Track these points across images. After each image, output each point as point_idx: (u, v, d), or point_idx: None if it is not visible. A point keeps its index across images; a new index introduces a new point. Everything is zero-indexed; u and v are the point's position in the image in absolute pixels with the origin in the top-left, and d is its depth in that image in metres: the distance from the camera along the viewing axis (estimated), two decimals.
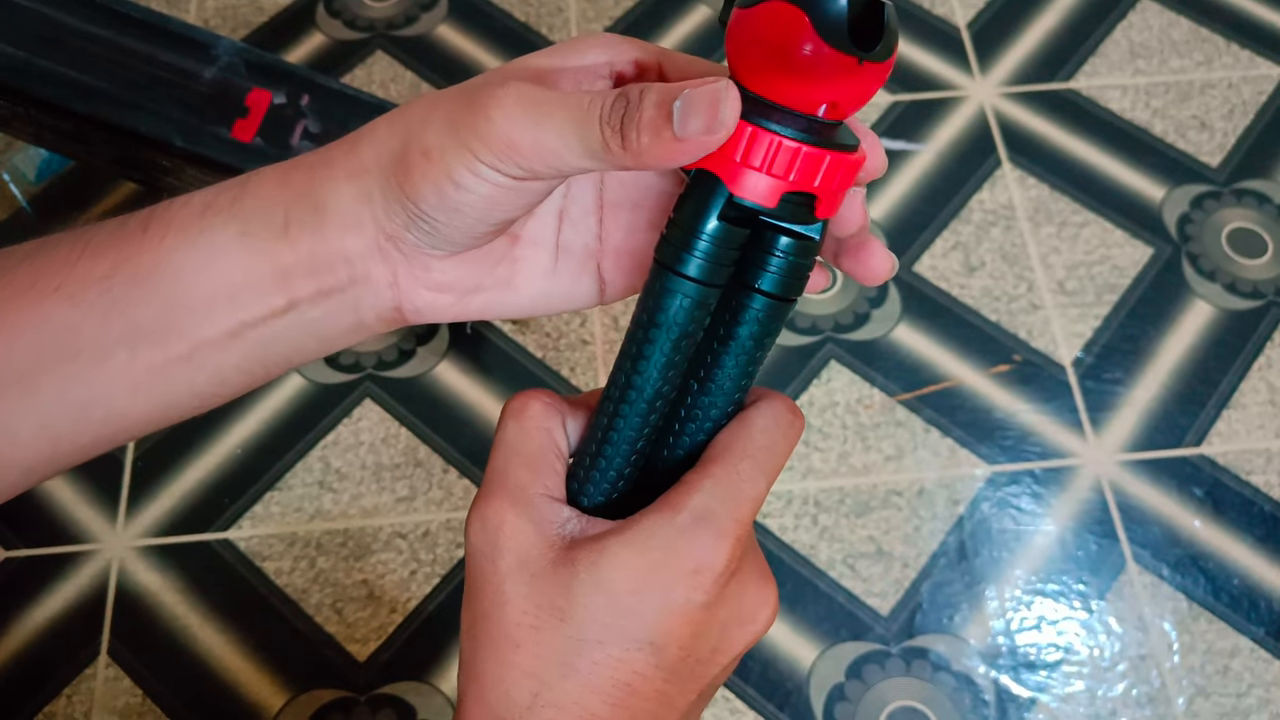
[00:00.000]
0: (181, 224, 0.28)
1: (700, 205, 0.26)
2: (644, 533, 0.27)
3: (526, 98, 0.26)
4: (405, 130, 0.28)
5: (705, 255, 0.27)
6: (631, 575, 0.26)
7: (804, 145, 0.26)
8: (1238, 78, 0.82)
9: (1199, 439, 0.68)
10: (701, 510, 0.27)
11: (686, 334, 0.28)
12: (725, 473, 0.27)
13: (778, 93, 0.26)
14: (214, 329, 0.29)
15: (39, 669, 0.61)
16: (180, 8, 0.86)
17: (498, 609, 0.27)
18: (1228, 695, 0.61)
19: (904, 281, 0.74)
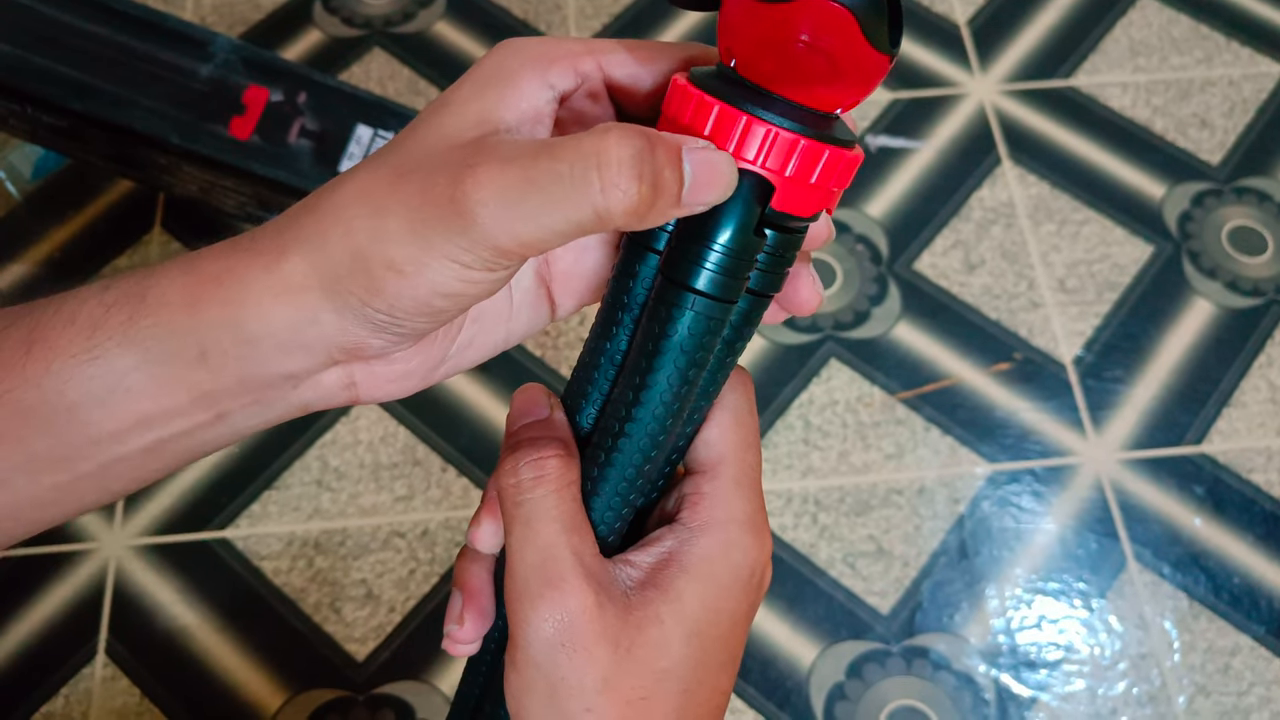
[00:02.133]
0: (67, 349, 0.25)
1: (740, 220, 0.24)
2: (706, 561, 0.26)
3: (509, 191, 0.23)
4: (349, 241, 0.24)
5: (736, 271, 0.25)
6: (710, 608, 0.26)
7: (845, 151, 0.25)
8: (1238, 75, 0.82)
9: (1200, 437, 0.68)
10: (743, 518, 0.27)
11: (705, 352, 0.26)
12: (742, 471, 0.27)
13: (799, 92, 0.24)
14: (125, 449, 0.26)
15: (36, 669, 0.61)
16: (177, 5, 0.86)
17: (605, 700, 0.25)
18: (1228, 694, 0.61)
19: (904, 279, 0.73)
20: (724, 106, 0.24)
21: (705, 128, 0.24)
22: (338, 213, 0.24)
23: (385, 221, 0.23)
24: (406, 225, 0.23)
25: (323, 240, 0.24)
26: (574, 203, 0.23)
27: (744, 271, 0.25)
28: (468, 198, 0.23)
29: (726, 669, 0.27)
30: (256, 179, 0.61)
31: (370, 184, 0.24)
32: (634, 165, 0.22)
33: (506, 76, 0.25)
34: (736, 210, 0.24)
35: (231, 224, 0.75)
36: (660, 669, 0.25)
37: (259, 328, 0.24)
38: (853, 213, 0.76)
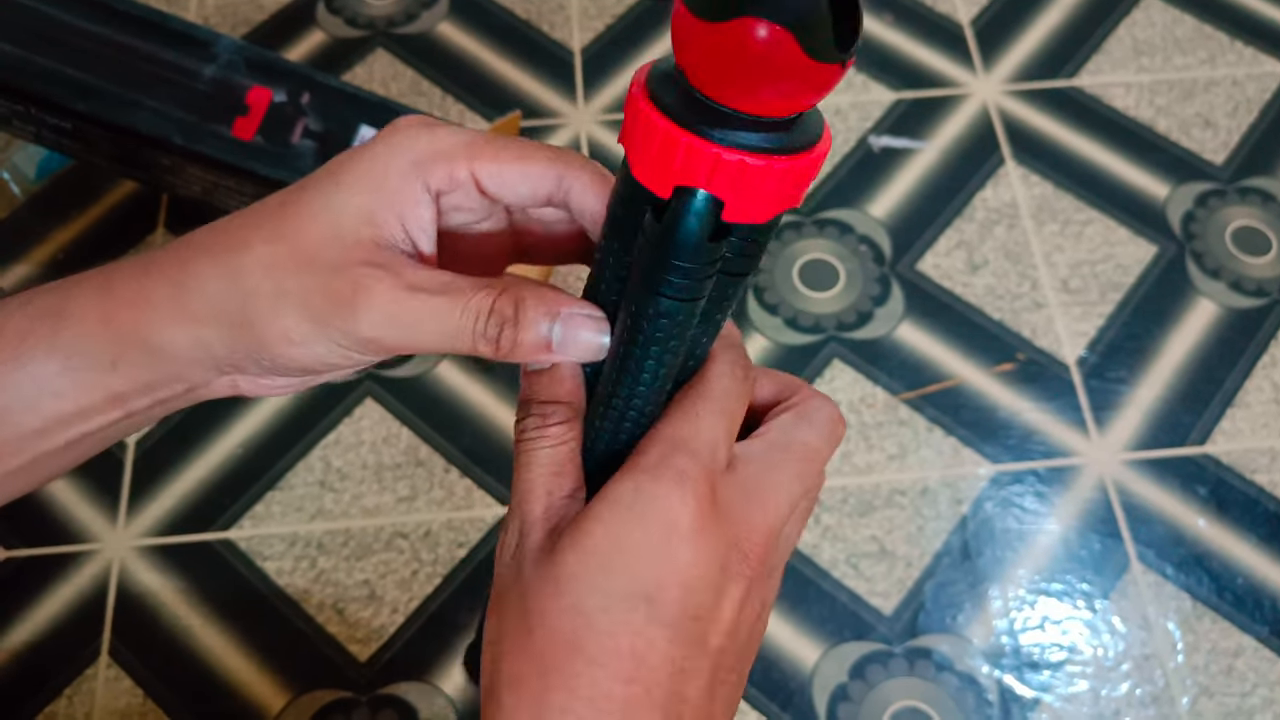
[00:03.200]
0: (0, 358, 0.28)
1: (694, 238, 0.25)
2: (615, 492, 0.27)
3: (394, 307, 0.27)
4: (246, 301, 0.28)
5: (698, 275, 0.26)
6: (611, 532, 0.26)
7: (800, 159, 0.25)
8: (1242, 75, 0.82)
9: (1203, 438, 0.68)
10: (663, 456, 0.27)
11: (680, 341, 0.28)
12: (683, 418, 0.28)
13: (750, 104, 0.24)
14: (51, 444, 0.30)
15: (39, 669, 0.61)
16: (180, 5, 0.86)
17: (517, 600, 0.27)
18: (1232, 695, 0.61)
19: (907, 280, 0.73)
20: (669, 127, 0.24)
21: (651, 147, 0.25)
22: (241, 279, 0.28)
23: (285, 302, 0.27)
24: (304, 311, 0.27)
25: (225, 295, 0.28)
26: (452, 340, 0.27)
27: (707, 274, 0.26)
28: (361, 308, 0.27)
29: (639, 606, 0.26)
30: (260, 180, 0.61)
31: (272, 260, 0.27)
32: (496, 322, 0.27)
33: (395, 181, 0.28)
34: (689, 228, 0.25)
35: None
36: (552, 577, 0.27)
37: (163, 343, 0.28)
38: (855, 213, 0.76)
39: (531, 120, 0.80)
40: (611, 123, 0.80)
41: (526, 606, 0.27)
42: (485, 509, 0.66)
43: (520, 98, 0.81)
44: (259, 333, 0.28)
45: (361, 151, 0.29)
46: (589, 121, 0.80)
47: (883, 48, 0.84)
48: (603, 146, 0.79)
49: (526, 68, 0.83)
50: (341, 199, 0.28)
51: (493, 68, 0.83)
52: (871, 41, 0.84)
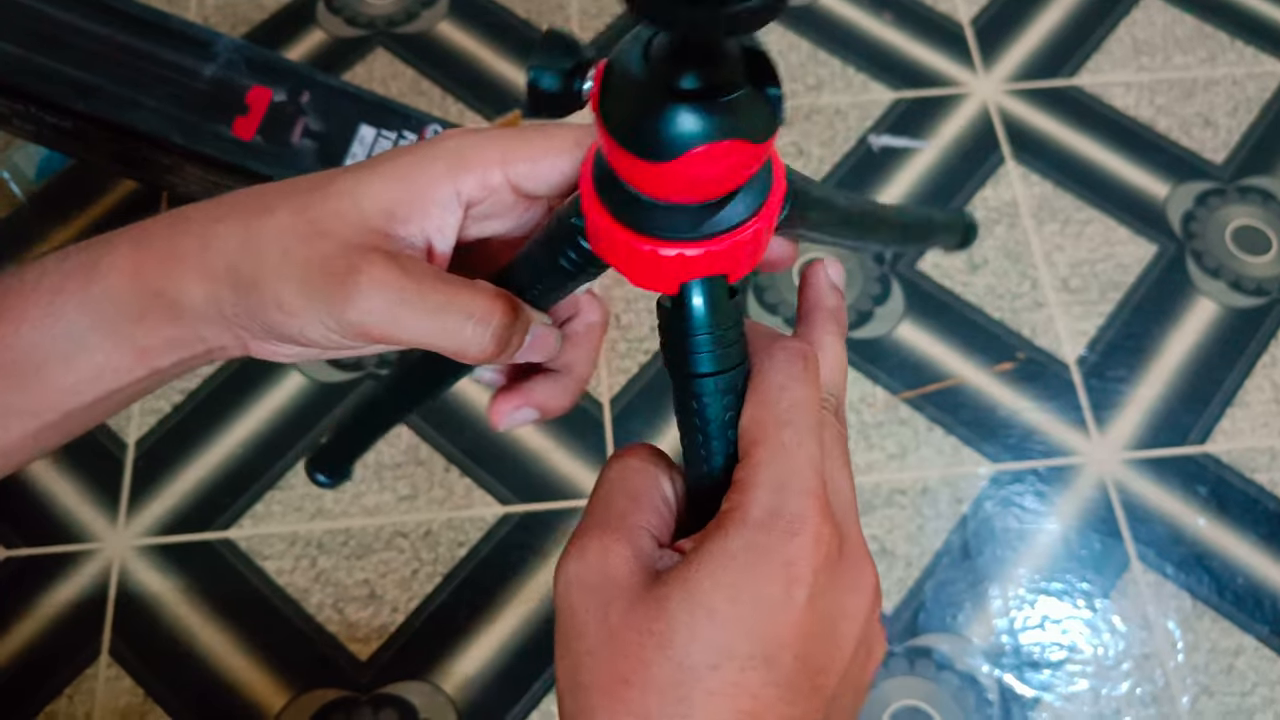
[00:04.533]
0: (35, 315, 0.29)
1: (717, 307, 0.26)
2: (723, 540, 0.25)
3: (390, 297, 0.27)
4: (257, 262, 0.28)
5: (727, 341, 0.27)
6: (724, 585, 0.24)
7: (773, 198, 0.26)
8: (1242, 74, 0.82)
9: (1203, 437, 0.68)
10: (769, 499, 0.25)
11: (733, 394, 0.28)
12: (773, 453, 0.26)
13: (719, 193, 0.24)
14: (82, 400, 0.30)
15: (40, 668, 0.61)
16: (180, 5, 0.86)
17: (605, 644, 0.25)
18: (1232, 694, 0.61)
19: (907, 279, 0.73)
20: (659, 246, 0.25)
21: (645, 267, 0.26)
22: (258, 240, 0.28)
23: (287, 269, 0.28)
24: (300, 282, 0.28)
25: (240, 254, 0.28)
26: (442, 334, 0.28)
27: (738, 327, 0.27)
28: (356, 288, 0.27)
29: (757, 668, 0.24)
30: (260, 179, 0.61)
31: (289, 226, 0.28)
32: (499, 332, 0.28)
33: (425, 181, 0.29)
34: (713, 307, 0.26)
35: None
36: (655, 631, 0.24)
37: (184, 297, 0.29)
38: None
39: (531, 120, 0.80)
40: None
41: (622, 654, 0.24)
42: (485, 508, 0.66)
43: (520, 97, 0.81)
44: (260, 295, 0.28)
45: (402, 149, 0.29)
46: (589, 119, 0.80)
47: (882, 47, 0.84)
48: None
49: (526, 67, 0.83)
50: (368, 185, 0.28)
51: (492, 67, 0.83)
52: (871, 41, 0.84)
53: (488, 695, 0.61)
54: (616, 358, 0.70)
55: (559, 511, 0.65)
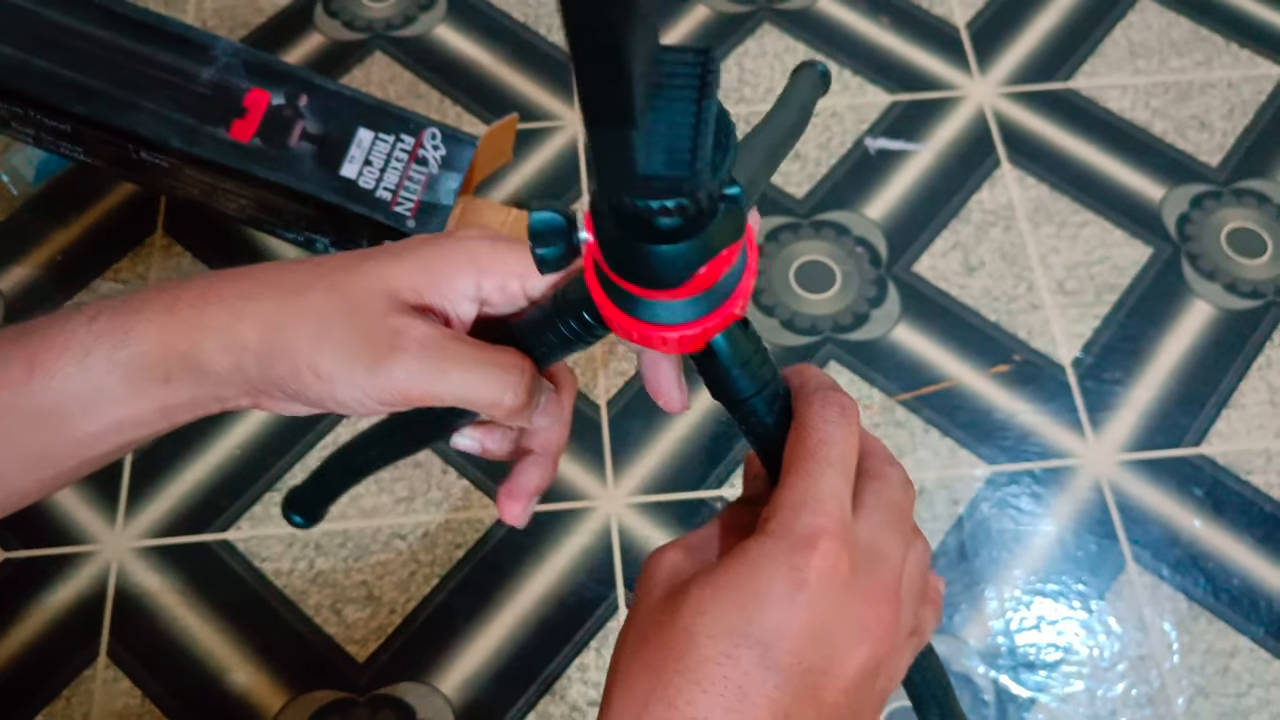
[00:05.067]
0: (65, 370, 0.32)
1: (740, 353, 0.30)
2: (747, 547, 0.29)
3: (433, 358, 0.31)
4: (294, 338, 0.31)
5: (759, 367, 0.31)
6: (737, 575, 0.28)
7: (752, 244, 0.29)
8: (1237, 77, 0.82)
9: (1199, 439, 0.68)
10: (789, 519, 0.28)
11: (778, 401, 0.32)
12: (798, 479, 0.29)
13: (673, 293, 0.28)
14: (100, 449, 0.33)
15: (38, 670, 0.61)
16: (178, 8, 0.86)
17: (642, 614, 0.30)
18: (1227, 695, 0.61)
19: (903, 281, 0.74)
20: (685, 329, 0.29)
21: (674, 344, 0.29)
22: (292, 316, 0.31)
23: (325, 342, 0.31)
24: (341, 351, 0.31)
25: (273, 328, 0.31)
26: (480, 390, 0.32)
27: (760, 359, 0.31)
28: (403, 352, 0.31)
29: (752, 647, 0.27)
30: (258, 182, 0.61)
31: (325, 305, 0.31)
32: (530, 385, 0.33)
33: (449, 272, 0.32)
34: (738, 356, 0.30)
35: (233, 227, 0.75)
36: (674, 603, 0.29)
37: (209, 364, 0.32)
38: (852, 215, 0.76)
39: (528, 123, 0.80)
40: None
41: (648, 619, 0.29)
42: (483, 510, 0.66)
43: (517, 100, 0.81)
44: (293, 364, 0.31)
45: (429, 239, 0.33)
46: None
47: (879, 50, 0.84)
48: None
49: (524, 70, 0.83)
50: (397, 269, 0.32)
51: (490, 70, 0.83)
52: (868, 44, 0.84)
53: (485, 696, 0.61)
54: (614, 359, 0.71)
55: (555, 514, 0.66)
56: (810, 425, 0.30)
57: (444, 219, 0.62)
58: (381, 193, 0.62)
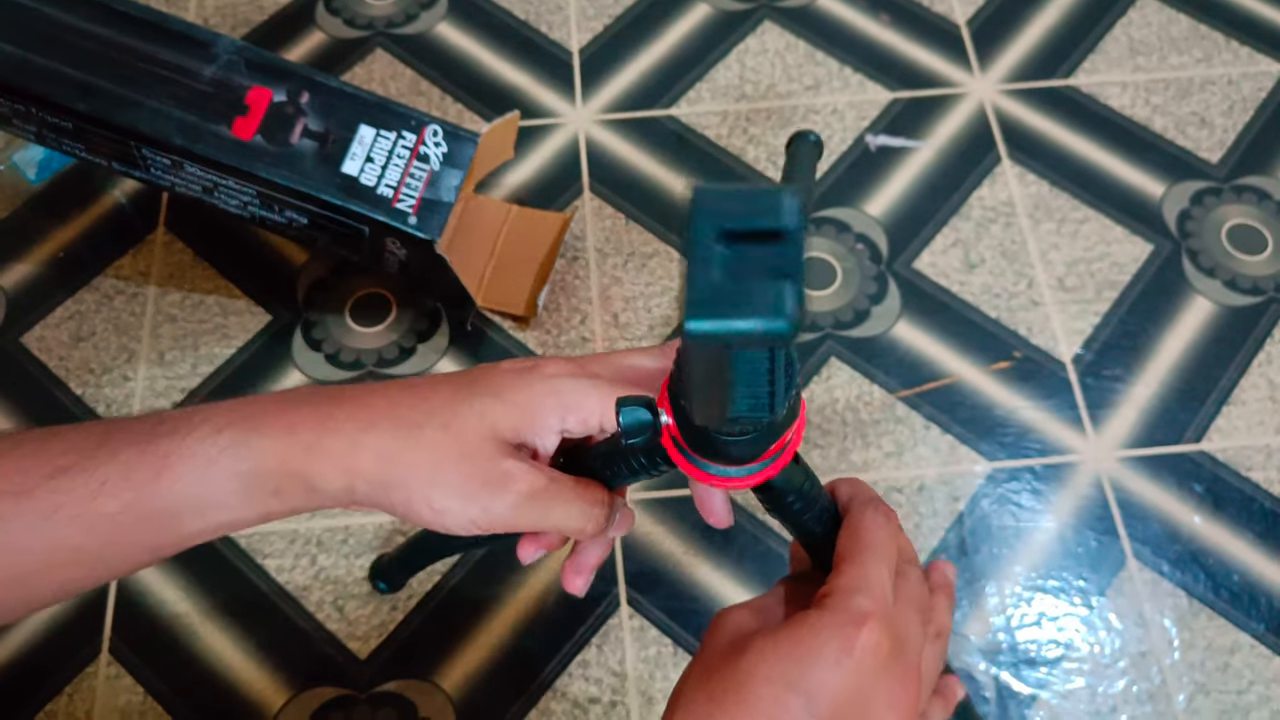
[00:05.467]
0: (188, 478, 0.35)
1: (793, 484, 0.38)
2: (808, 616, 0.34)
3: (535, 501, 0.36)
4: (409, 473, 0.35)
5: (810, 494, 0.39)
6: (795, 635, 0.33)
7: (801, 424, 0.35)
8: (1237, 74, 0.82)
9: (1199, 435, 0.68)
10: (845, 598, 0.34)
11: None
12: (853, 568, 0.35)
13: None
14: (199, 540, 0.37)
15: (40, 667, 0.62)
16: (180, 6, 0.86)
17: (712, 655, 0.35)
18: (1228, 692, 0.61)
19: (903, 278, 0.74)
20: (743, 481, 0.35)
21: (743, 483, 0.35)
22: (408, 452, 0.35)
23: (440, 480, 0.35)
24: (456, 491, 0.36)
25: (390, 461, 0.35)
26: (571, 523, 0.38)
27: (810, 485, 0.38)
28: (516, 494, 0.36)
29: (798, 694, 0.32)
30: (260, 180, 0.61)
31: (438, 443, 0.36)
32: (609, 515, 0.39)
33: (541, 413, 0.37)
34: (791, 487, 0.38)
35: (234, 224, 0.75)
36: (739, 649, 0.34)
37: (321, 486, 0.36)
38: (852, 212, 0.76)
39: (530, 120, 0.80)
40: (609, 122, 0.80)
41: (714, 660, 0.35)
42: None
43: (519, 98, 0.82)
44: (407, 494, 0.35)
45: (520, 377, 0.38)
46: (587, 121, 0.80)
47: (879, 48, 0.84)
48: (600, 146, 0.79)
49: (525, 68, 0.83)
50: (497, 411, 0.37)
51: (491, 68, 0.83)
52: (868, 41, 0.84)
53: (487, 693, 0.61)
54: None
55: None
56: (864, 528, 0.37)
57: (446, 215, 0.62)
58: (383, 190, 0.62)
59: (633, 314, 0.72)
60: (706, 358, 0.25)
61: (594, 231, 0.75)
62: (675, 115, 0.81)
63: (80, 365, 0.71)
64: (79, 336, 0.72)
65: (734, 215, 0.21)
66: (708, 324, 0.21)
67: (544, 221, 0.74)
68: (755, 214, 0.21)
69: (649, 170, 0.78)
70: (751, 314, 0.21)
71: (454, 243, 0.69)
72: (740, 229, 0.21)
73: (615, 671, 0.61)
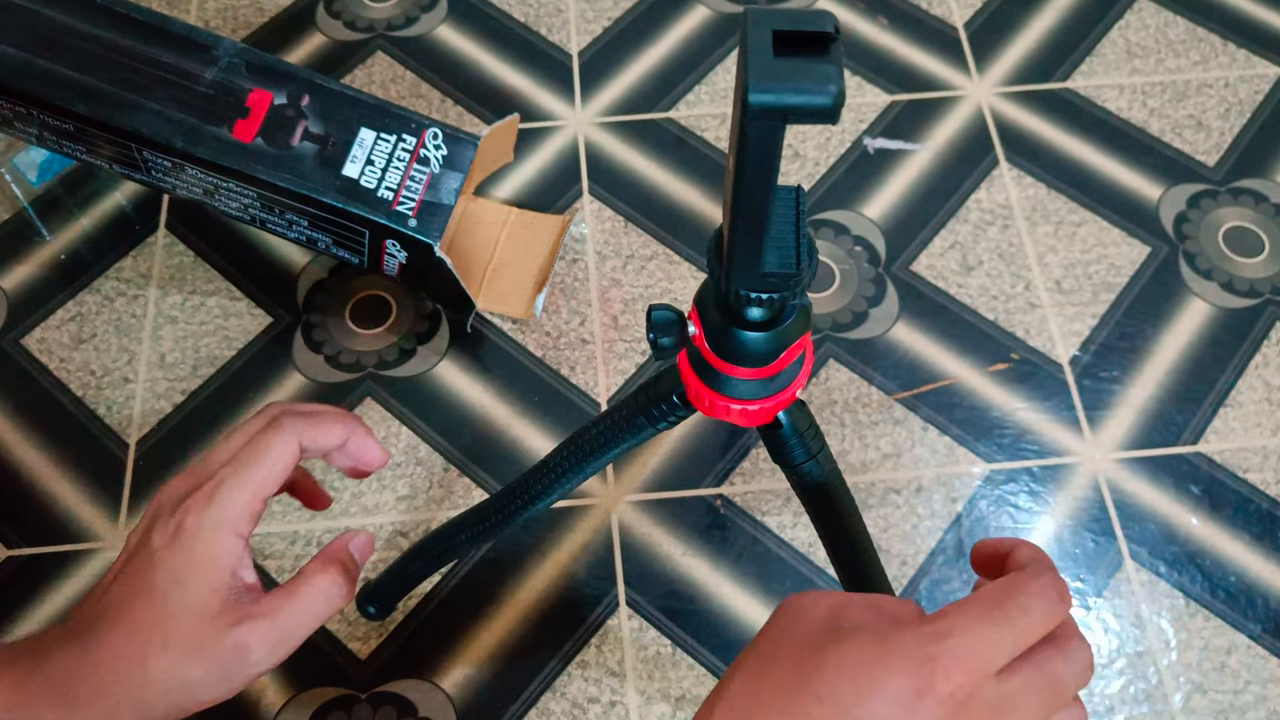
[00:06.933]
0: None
1: (801, 426, 0.41)
2: (892, 629, 0.30)
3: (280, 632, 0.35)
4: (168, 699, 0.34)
5: (813, 442, 0.42)
6: (867, 652, 0.29)
7: (809, 366, 0.39)
8: (1234, 77, 0.83)
9: (1196, 437, 0.69)
10: (945, 628, 0.29)
11: None
12: (979, 610, 0.30)
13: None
14: None
15: None
16: (181, 9, 0.87)
17: (789, 658, 0.31)
18: (1224, 692, 0.61)
19: (902, 280, 0.74)
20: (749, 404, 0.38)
21: (752, 418, 0.39)
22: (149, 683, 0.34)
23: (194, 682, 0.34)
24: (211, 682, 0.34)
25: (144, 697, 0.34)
26: (330, 608, 0.37)
27: (812, 433, 0.42)
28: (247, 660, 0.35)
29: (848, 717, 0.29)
30: (260, 182, 0.62)
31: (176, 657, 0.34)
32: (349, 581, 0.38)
33: (221, 551, 0.35)
34: (798, 429, 0.41)
35: (234, 226, 0.75)
36: (805, 655, 0.31)
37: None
38: (850, 214, 0.76)
39: (530, 123, 0.81)
40: (608, 125, 0.81)
41: (792, 667, 0.31)
42: None
43: (518, 101, 0.82)
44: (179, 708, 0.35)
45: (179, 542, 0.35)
46: (586, 124, 0.81)
47: (878, 51, 0.84)
48: (599, 147, 0.80)
49: (525, 71, 0.83)
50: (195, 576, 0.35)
51: (491, 71, 0.83)
52: (867, 45, 0.84)
53: (486, 693, 0.61)
54: (614, 358, 0.71)
55: (557, 511, 0.66)
56: (1026, 589, 0.30)
57: (446, 218, 0.63)
58: (384, 192, 0.62)
59: (632, 315, 0.72)
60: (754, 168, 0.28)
61: (593, 233, 0.76)
62: (674, 118, 0.81)
63: (81, 367, 0.71)
64: (80, 338, 0.72)
65: (784, 20, 0.25)
66: (767, 96, 0.25)
67: (543, 224, 0.75)
68: (801, 21, 0.25)
69: (648, 173, 0.79)
70: (802, 89, 0.25)
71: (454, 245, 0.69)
72: (789, 29, 0.25)
73: (614, 672, 0.62)
